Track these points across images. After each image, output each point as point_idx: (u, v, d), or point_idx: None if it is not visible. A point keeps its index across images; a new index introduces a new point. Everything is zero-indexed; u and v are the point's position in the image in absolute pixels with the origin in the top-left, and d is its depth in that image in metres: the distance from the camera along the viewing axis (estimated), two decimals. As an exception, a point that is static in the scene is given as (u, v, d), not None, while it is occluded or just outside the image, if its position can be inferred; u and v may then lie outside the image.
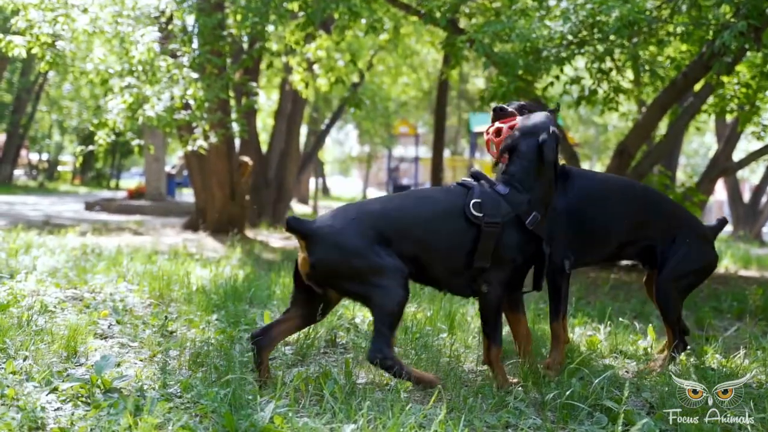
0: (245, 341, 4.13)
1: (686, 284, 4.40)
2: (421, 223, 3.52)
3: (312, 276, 3.41)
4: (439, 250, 3.52)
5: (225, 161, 12.12)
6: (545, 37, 8.16)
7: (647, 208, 4.35)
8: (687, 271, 4.33)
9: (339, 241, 3.36)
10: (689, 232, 4.38)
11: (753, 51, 8.90)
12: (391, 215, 3.51)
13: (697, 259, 4.37)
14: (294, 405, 3.05)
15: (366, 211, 3.54)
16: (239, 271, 7.21)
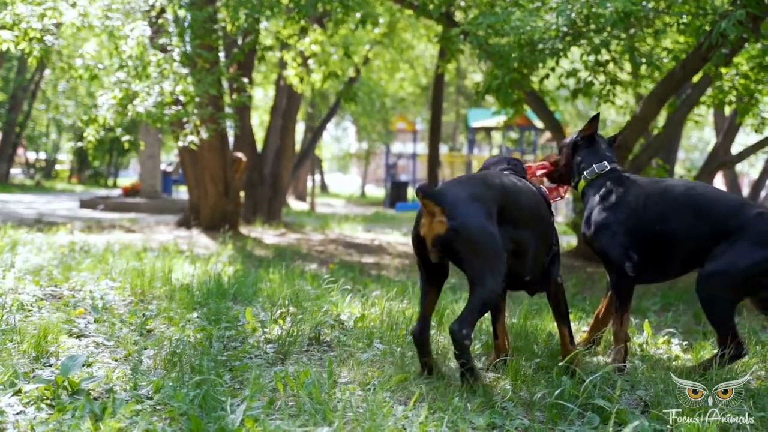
0: (225, 339, 4.00)
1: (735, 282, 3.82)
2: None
3: (445, 240, 3.33)
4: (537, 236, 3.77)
5: (218, 157, 11.97)
6: (540, 30, 8.02)
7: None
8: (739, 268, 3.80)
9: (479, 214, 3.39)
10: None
11: (752, 42, 8.76)
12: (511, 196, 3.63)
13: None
14: (269, 406, 2.91)
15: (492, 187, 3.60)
16: (229, 268, 7.07)
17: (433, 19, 9.86)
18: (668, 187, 4.10)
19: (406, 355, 3.72)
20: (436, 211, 3.34)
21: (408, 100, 29.25)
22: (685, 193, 4.04)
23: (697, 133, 33.05)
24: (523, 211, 3.64)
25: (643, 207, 4.03)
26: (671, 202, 4.00)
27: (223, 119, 9.93)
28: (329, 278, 5.81)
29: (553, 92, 11.14)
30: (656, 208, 4.00)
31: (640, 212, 4.02)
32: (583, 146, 4.40)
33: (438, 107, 16.39)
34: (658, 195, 4.05)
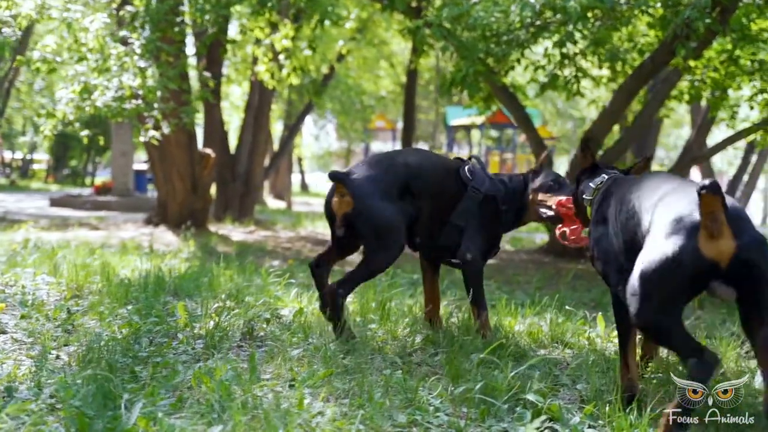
0: (154, 334, 3.82)
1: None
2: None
3: (350, 217, 3.83)
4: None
5: (186, 153, 11.77)
6: (503, 21, 7.87)
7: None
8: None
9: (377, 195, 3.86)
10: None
11: (721, 35, 8.66)
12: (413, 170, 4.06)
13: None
14: (177, 404, 2.74)
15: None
16: (184, 264, 6.89)
17: (400, 13, 9.69)
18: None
19: (338, 351, 3.56)
20: (344, 193, 3.81)
21: (387, 98, 29.08)
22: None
23: (676, 131, 33.08)
24: (427, 184, 4.06)
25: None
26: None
27: (185, 114, 9.71)
28: (275, 272, 5.65)
29: (524, 87, 10.99)
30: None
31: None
32: (585, 178, 3.98)
33: (411, 104, 16.20)
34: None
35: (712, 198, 2.65)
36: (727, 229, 2.70)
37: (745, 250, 2.71)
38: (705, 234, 2.71)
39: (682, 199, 2.91)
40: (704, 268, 2.74)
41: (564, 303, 5.51)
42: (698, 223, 2.73)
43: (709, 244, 2.71)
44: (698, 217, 2.72)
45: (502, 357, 3.49)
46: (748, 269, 2.73)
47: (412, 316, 4.43)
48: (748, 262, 2.72)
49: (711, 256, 2.72)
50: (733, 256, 2.71)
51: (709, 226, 2.69)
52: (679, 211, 2.83)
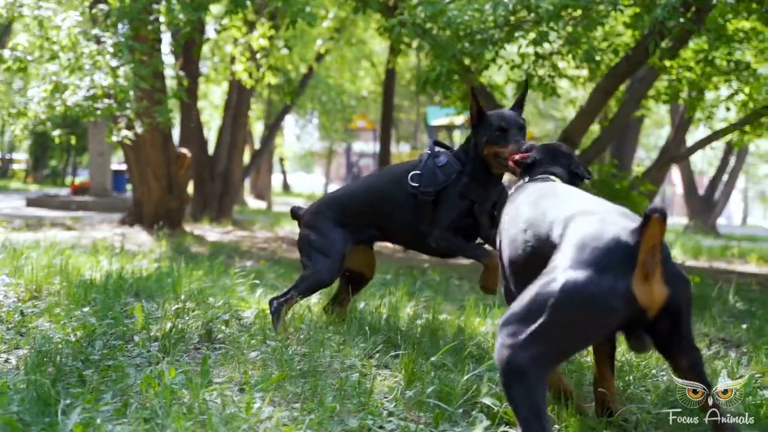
0: (109, 336, 3.74)
1: None
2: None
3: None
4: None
5: (161, 153, 11.65)
6: (477, 20, 7.82)
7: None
8: None
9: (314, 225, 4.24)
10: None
11: (696, 35, 8.65)
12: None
13: None
14: (122, 410, 2.66)
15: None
16: (154, 264, 6.78)
17: (375, 12, 9.62)
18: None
19: (295, 353, 3.48)
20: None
21: (369, 98, 29.00)
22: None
23: (657, 131, 33.18)
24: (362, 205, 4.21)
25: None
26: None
27: (159, 114, 9.61)
28: (245, 273, 5.57)
29: (502, 86, 10.95)
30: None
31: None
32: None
33: (389, 103, 16.14)
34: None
35: (660, 227, 2.21)
36: (660, 270, 2.27)
37: (677, 297, 2.32)
38: (640, 272, 2.24)
39: (615, 220, 2.41)
40: (632, 316, 2.27)
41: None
42: (634, 256, 2.23)
43: (642, 286, 2.24)
44: (634, 247, 2.23)
45: (463, 359, 3.43)
46: (675, 317, 2.35)
47: (378, 315, 4.36)
48: (678, 311, 2.34)
49: (643, 302, 2.26)
50: (664, 304, 2.30)
51: (646, 265, 2.23)
52: (612, 235, 2.30)
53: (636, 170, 14.20)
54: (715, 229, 21.10)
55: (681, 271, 2.39)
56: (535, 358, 2.21)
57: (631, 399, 3.22)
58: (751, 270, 10.46)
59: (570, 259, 2.30)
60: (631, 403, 3.16)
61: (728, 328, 5.21)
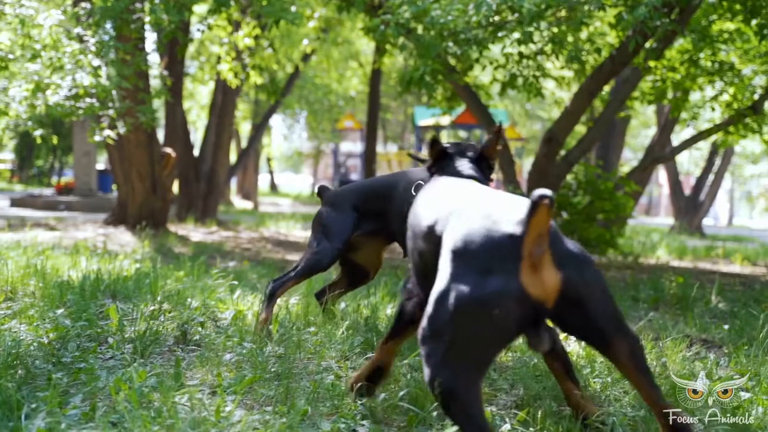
0: (84, 338, 3.69)
1: None
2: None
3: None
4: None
5: (145, 153, 11.58)
6: (462, 20, 7.79)
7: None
8: None
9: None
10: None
11: (680, 35, 8.66)
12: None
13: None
14: (90, 413, 2.62)
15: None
16: (135, 265, 6.72)
17: (360, 12, 9.57)
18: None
19: (270, 355, 3.45)
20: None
21: (357, 98, 28.96)
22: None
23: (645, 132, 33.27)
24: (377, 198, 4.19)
25: None
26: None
27: (142, 113, 9.54)
28: (226, 273, 5.52)
29: (487, 86, 10.94)
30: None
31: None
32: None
33: (376, 104, 16.12)
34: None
35: (547, 214, 2.06)
36: (548, 256, 2.13)
37: (574, 279, 2.16)
38: (528, 265, 2.09)
39: (499, 212, 2.22)
40: (532, 311, 2.12)
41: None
42: (520, 249, 2.08)
43: (533, 279, 2.10)
44: (520, 239, 2.08)
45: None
46: (581, 302, 2.18)
47: (358, 316, 4.33)
48: (580, 294, 2.17)
49: (537, 296, 2.11)
50: (561, 291, 2.15)
51: (533, 254, 2.08)
52: (494, 230, 2.15)
53: (621, 171, 14.19)
54: (700, 230, 21.16)
55: (577, 249, 2.21)
56: (457, 374, 2.12)
57: (608, 401, 3.20)
58: (735, 270, 10.47)
59: (454, 265, 2.17)
60: (609, 405, 3.14)
61: (710, 329, 5.20)
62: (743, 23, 8.79)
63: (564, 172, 10.12)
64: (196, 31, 12.12)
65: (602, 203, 10.14)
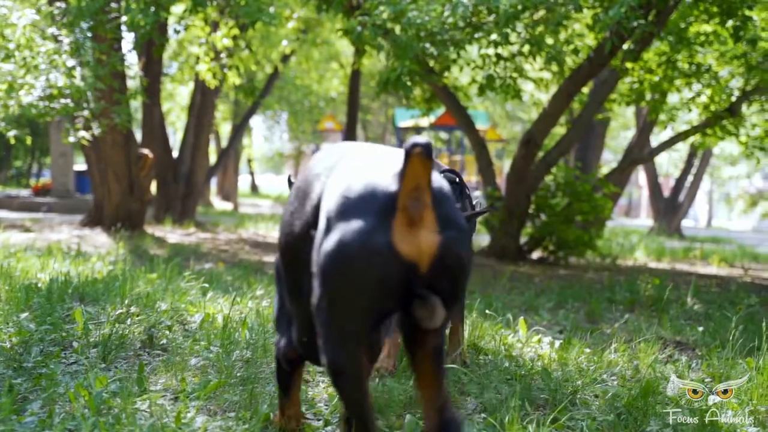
0: (46, 342, 3.62)
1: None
2: None
3: None
4: None
5: (122, 154, 11.47)
6: (438, 21, 7.77)
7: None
8: None
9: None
10: None
11: (657, 38, 8.68)
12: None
13: None
14: (47, 420, 2.56)
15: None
16: (108, 267, 6.64)
17: (338, 13, 9.52)
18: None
19: (237, 360, 3.40)
20: None
21: (338, 99, 28.88)
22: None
23: (624, 133, 33.40)
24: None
25: None
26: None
27: (117, 114, 9.45)
28: (200, 275, 5.46)
29: (466, 87, 10.94)
30: None
31: None
32: None
33: (355, 105, 16.05)
34: None
35: (422, 165, 1.87)
36: (430, 215, 1.93)
37: (455, 245, 1.95)
38: (402, 220, 1.90)
39: (368, 163, 2.07)
40: (399, 273, 1.91)
41: (492, 306, 5.43)
42: (393, 202, 1.90)
43: (406, 236, 1.90)
44: (394, 192, 1.90)
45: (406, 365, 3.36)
46: (454, 273, 1.97)
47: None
48: (456, 264, 1.96)
49: (409, 255, 1.90)
50: (438, 254, 1.93)
51: (409, 209, 1.89)
52: (367, 181, 1.97)
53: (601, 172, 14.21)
54: (679, 231, 21.26)
55: (459, 216, 2.03)
56: (338, 345, 1.96)
57: (578, 405, 3.17)
58: (712, 272, 10.52)
59: (326, 225, 1.97)
60: (578, 409, 3.11)
61: (684, 331, 5.20)
62: (719, 25, 8.82)
63: (542, 174, 10.13)
64: (173, 32, 12.07)
65: (581, 205, 10.15)
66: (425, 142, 1.86)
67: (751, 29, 8.42)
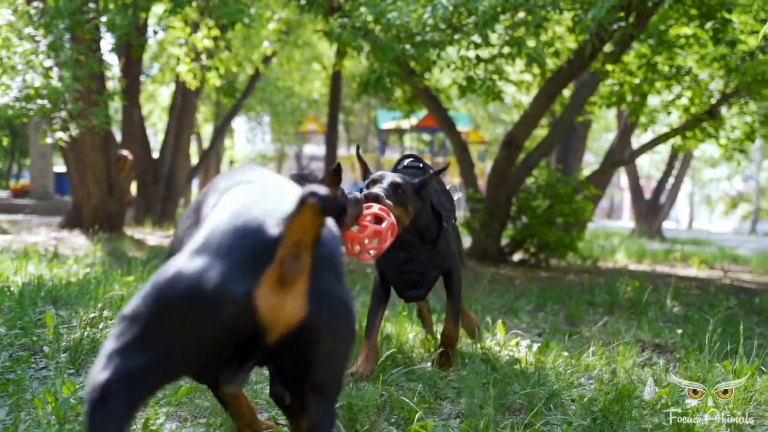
0: (16, 346, 3.56)
1: None
2: None
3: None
4: None
5: (101, 155, 11.39)
6: (418, 22, 7.74)
7: None
8: None
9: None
10: None
11: (637, 40, 8.70)
12: None
13: None
14: (11, 428, 2.50)
15: None
16: (85, 269, 6.56)
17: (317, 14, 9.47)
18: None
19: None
20: None
21: (320, 101, 28.84)
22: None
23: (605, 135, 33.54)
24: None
25: None
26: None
27: (95, 116, 9.36)
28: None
29: (448, 89, 10.92)
30: None
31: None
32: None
33: (336, 106, 16.03)
34: None
35: (313, 219, 1.61)
36: (303, 283, 1.66)
37: (320, 324, 1.69)
38: (273, 275, 1.63)
39: (269, 196, 1.83)
40: (247, 332, 1.64)
41: (472, 308, 5.41)
42: (272, 250, 1.63)
43: (271, 294, 1.63)
44: (275, 239, 1.64)
45: (384, 369, 3.33)
46: (309, 353, 1.70)
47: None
48: (314, 344, 1.69)
49: (264, 315, 1.63)
50: (296, 328, 1.66)
51: (285, 265, 1.63)
52: (247, 218, 1.70)
53: (582, 174, 14.22)
54: (660, 233, 21.35)
55: (345, 295, 1.76)
56: (122, 373, 1.63)
57: (554, 409, 3.15)
58: (691, 273, 10.55)
59: (194, 244, 1.71)
60: (554, 413, 3.08)
61: (663, 334, 5.19)
62: (699, 28, 8.85)
63: (524, 176, 10.13)
64: (153, 33, 11.99)
65: (562, 207, 10.15)
66: (324, 194, 1.58)
67: (731, 32, 8.46)
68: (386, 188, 3.36)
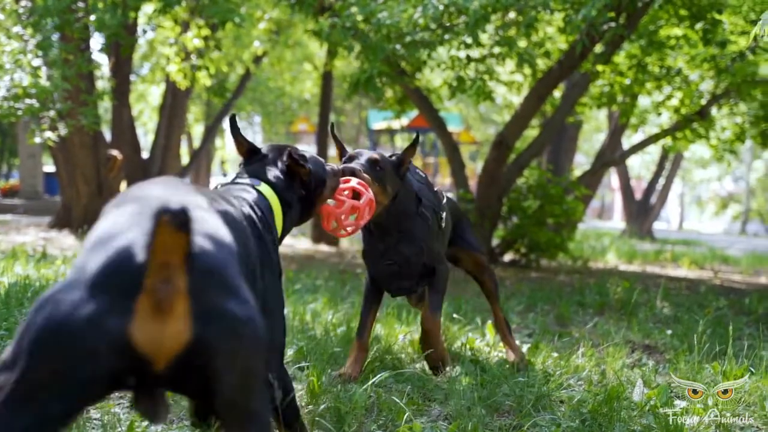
0: (0, 350, 3.52)
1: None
2: None
3: None
4: None
5: (90, 155, 11.37)
6: (409, 22, 7.72)
7: None
8: None
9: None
10: None
11: (627, 40, 8.70)
12: None
13: None
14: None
15: None
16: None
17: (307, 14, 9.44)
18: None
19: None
20: None
21: (311, 101, 28.80)
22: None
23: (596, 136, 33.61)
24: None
25: None
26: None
27: (84, 115, 9.32)
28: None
29: (439, 89, 10.91)
30: None
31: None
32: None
33: (327, 106, 15.94)
34: None
35: (172, 237, 1.49)
36: (182, 304, 1.54)
37: (211, 345, 1.57)
38: (146, 304, 1.52)
39: (133, 221, 1.65)
40: (131, 366, 1.54)
41: (461, 310, 5.40)
42: (139, 279, 1.51)
43: (147, 325, 1.52)
44: (142, 265, 1.52)
45: (373, 370, 3.31)
46: (209, 376, 1.58)
47: (300, 322, 4.22)
48: (211, 366, 1.58)
49: (144, 347, 1.52)
50: (184, 353, 1.55)
51: (157, 292, 1.51)
52: (118, 243, 1.58)
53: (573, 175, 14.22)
54: (651, 234, 21.40)
55: (243, 310, 1.62)
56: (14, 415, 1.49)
57: (542, 410, 3.13)
58: (682, 274, 10.56)
59: (69, 275, 1.61)
60: (543, 414, 3.07)
61: (653, 334, 5.19)
62: (689, 28, 8.87)
63: (514, 176, 10.12)
64: (142, 32, 11.96)
65: (552, 207, 10.15)
66: (178, 208, 1.46)
67: (721, 32, 8.47)
68: (364, 164, 3.29)
